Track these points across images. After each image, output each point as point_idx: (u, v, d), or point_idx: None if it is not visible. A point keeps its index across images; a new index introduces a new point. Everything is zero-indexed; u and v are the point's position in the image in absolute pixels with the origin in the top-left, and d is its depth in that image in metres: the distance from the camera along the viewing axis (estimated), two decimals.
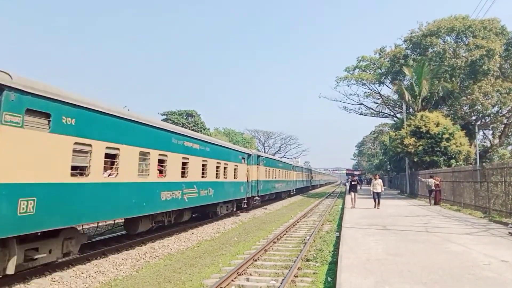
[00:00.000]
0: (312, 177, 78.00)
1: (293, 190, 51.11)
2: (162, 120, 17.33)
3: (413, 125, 37.14)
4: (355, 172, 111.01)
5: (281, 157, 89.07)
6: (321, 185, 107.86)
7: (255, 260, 12.16)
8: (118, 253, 12.94)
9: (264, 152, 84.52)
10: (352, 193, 27.24)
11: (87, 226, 16.29)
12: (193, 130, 40.51)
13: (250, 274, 10.64)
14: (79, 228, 11.90)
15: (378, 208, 24.88)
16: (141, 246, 14.35)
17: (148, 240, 15.25)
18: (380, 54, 55.33)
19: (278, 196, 42.83)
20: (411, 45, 48.90)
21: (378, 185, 25.71)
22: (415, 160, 37.18)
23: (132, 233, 14.65)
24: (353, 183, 28.23)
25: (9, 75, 8.09)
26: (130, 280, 10.23)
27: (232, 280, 9.82)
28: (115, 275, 10.58)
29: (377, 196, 25.47)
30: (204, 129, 64.37)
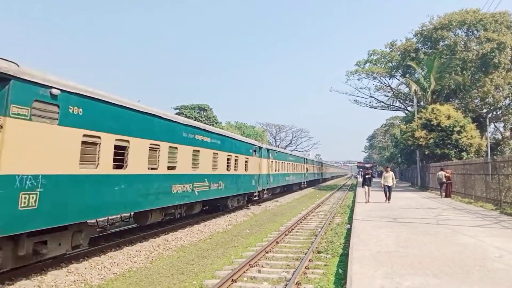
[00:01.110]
0: (323, 170, 77.95)
1: (304, 182, 51.33)
2: (175, 114, 17.32)
3: (424, 118, 36.98)
4: (366, 165, 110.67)
5: (292, 150, 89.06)
6: (332, 178, 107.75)
7: (267, 252, 12.29)
8: (132, 245, 13.15)
9: (276, 146, 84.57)
10: (366, 187, 25.60)
11: (101, 219, 16.50)
12: (205, 123, 40.63)
13: (262, 266, 10.77)
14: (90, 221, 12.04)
15: (389, 202, 23.87)
16: (155, 238, 14.56)
17: (162, 232, 15.46)
18: (391, 48, 55.06)
19: (289, 189, 43.30)
20: (422, 39, 48.59)
21: (389, 178, 24.47)
22: (426, 152, 37.05)
23: (143, 224, 14.69)
24: (367, 176, 26.29)
25: (16, 64, 7.82)
26: (144, 272, 10.41)
27: (244, 272, 9.95)
28: (130, 267, 10.77)
29: (388, 190, 24.36)
30: (216, 123, 64.52)
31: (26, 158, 8.00)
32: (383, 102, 61.55)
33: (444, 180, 28.50)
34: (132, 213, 14.43)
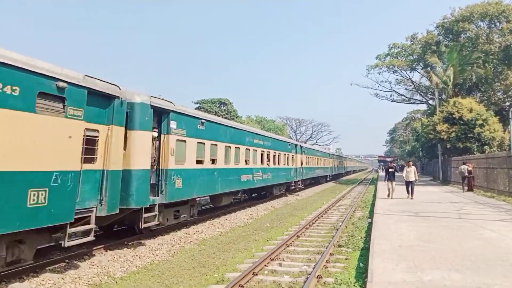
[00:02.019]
0: (344, 164, 77.75)
1: (330, 175, 55.12)
2: (195, 109, 18.93)
3: (446, 111, 36.52)
4: (387, 159, 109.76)
5: (313, 144, 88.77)
6: (352, 172, 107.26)
7: (288, 246, 12.34)
8: (154, 238, 13.32)
9: (296, 140, 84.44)
10: (389, 182, 24.11)
11: None
12: (225, 118, 40.94)
13: (283, 260, 10.82)
14: None
15: (411, 198, 22.62)
16: (176, 231, 14.72)
17: (183, 226, 15.62)
18: (411, 41, 54.47)
19: (317, 181, 47.12)
20: (443, 31, 47.98)
21: (411, 172, 23.14)
22: (448, 146, 36.64)
23: (217, 205, 19.79)
24: (390, 170, 24.80)
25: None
26: (166, 265, 10.55)
27: (265, 265, 10.02)
28: (152, 260, 10.93)
29: (410, 186, 23.16)
30: (236, 117, 64.53)
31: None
32: (404, 95, 61.06)
33: (466, 174, 28.18)
34: (209, 196, 18.92)
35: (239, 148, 20.17)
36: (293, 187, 33.18)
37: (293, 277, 9.07)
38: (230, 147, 18.90)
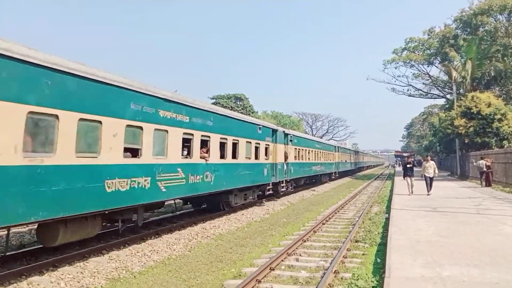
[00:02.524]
0: (359, 159, 77.21)
1: (335, 173, 47.02)
2: (211, 104, 18.99)
3: (464, 106, 36.11)
4: (404, 154, 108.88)
5: (329, 139, 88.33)
6: (369, 167, 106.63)
7: (304, 241, 12.34)
8: (171, 233, 13.42)
9: (312, 135, 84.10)
10: (408, 178, 23.30)
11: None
12: (242, 113, 40.44)
13: (300, 255, 10.82)
14: None
15: (428, 194, 21.89)
16: (193, 226, 14.82)
17: (200, 221, 15.71)
18: (429, 35, 53.88)
19: (317, 180, 39.56)
20: (461, 25, 47.42)
21: (430, 168, 22.34)
22: (466, 141, 36.24)
23: (298, 184, 30.72)
24: (408, 165, 24.17)
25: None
26: (184, 259, 10.62)
27: (282, 260, 10.02)
28: (169, 254, 11.01)
29: (429, 181, 22.29)
30: (252, 112, 64.61)
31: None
32: (421, 90, 60.47)
33: (484, 169, 27.85)
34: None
35: (312, 150, 35.44)
36: (270, 191, 22.78)
37: (310, 272, 9.07)
38: (307, 150, 34.27)
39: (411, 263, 7.93)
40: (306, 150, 32.42)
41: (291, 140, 27.41)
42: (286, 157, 25.35)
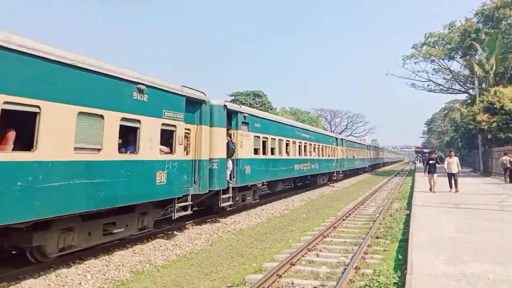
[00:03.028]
0: (380, 155, 76.76)
1: (368, 167, 57.02)
2: (230, 101, 19.10)
3: (486, 101, 35.52)
4: (425, 150, 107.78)
5: (348, 136, 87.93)
6: (389, 163, 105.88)
7: (324, 237, 12.35)
8: (193, 228, 13.58)
9: (331, 131, 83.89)
10: (431, 175, 22.13)
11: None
12: (260, 109, 40.90)
13: (320, 250, 10.84)
14: None
15: (456, 191, 20.99)
16: (214, 221, 14.94)
17: (220, 216, 15.82)
18: (449, 29, 53.09)
19: (355, 172, 48.82)
20: (482, 18, 46.66)
21: (453, 164, 21.57)
22: (489, 137, 35.70)
23: (273, 191, 24.26)
24: (430, 161, 22.74)
25: None
26: (205, 254, 10.73)
27: (303, 256, 10.06)
28: (191, 249, 11.13)
29: (453, 178, 21.37)
30: (270, 109, 64.58)
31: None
32: (441, 85, 59.67)
33: (508, 165, 27.39)
34: (266, 182, 21.69)
35: (290, 141, 23.31)
36: (334, 177, 35.68)
37: (331, 267, 9.09)
38: (282, 140, 21.96)
39: (433, 259, 7.89)
40: (351, 149, 43.61)
41: (343, 143, 39.31)
42: (341, 155, 37.69)
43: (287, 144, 22.62)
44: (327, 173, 33.12)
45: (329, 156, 33.43)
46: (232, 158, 15.36)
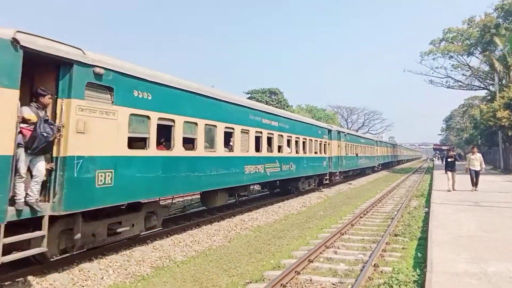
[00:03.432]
0: (396, 153, 76.06)
1: (378, 165, 50.35)
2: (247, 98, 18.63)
3: (507, 97, 34.94)
4: (443, 147, 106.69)
5: (365, 133, 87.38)
6: (406, 161, 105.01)
7: (342, 234, 12.32)
8: (211, 224, 13.66)
9: (347, 128, 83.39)
10: (450, 173, 21.02)
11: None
12: (276, 107, 40.17)
13: (338, 248, 10.82)
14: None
15: (476, 190, 20.16)
16: (232, 218, 15.01)
17: (238, 213, 15.89)
18: (469, 24, 52.33)
19: (362, 172, 42.14)
20: (502, 13, 45.82)
21: (476, 160, 20.50)
22: (510, 134, 35.16)
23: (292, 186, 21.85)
24: (449, 159, 21.77)
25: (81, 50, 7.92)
26: (223, 250, 10.79)
27: (321, 253, 10.06)
28: (209, 245, 11.21)
29: (475, 176, 20.42)
30: (287, 106, 64.31)
31: None
32: (460, 81, 58.89)
33: None
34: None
35: (235, 129, 14.59)
36: (326, 181, 27.27)
37: (349, 265, 9.07)
38: (216, 126, 13.20)
39: (454, 258, 7.83)
40: (353, 145, 35.33)
41: (341, 137, 30.69)
42: (338, 151, 29.39)
43: (356, 147, 20.88)
44: (314, 175, 24.87)
45: (317, 153, 24.98)
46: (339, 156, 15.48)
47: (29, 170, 7.18)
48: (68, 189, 7.56)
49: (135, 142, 9.62)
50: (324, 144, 26.58)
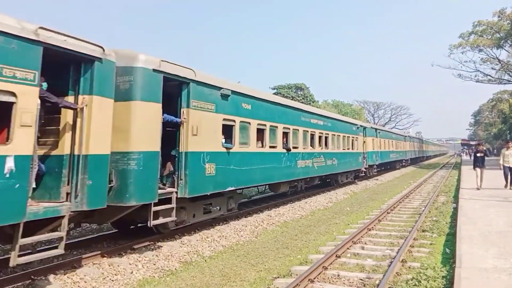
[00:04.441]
0: (424, 148, 75.17)
1: (407, 160, 52.44)
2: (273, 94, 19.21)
3: None
4: (471, 142, 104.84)
5: (391, 128, 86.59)
6: (434, 156, 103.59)
7: (369, 230, 12.30)
8: (238, 220, 13.82)
9: (374, 123, 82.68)
10: (478, 169, 19.36)
11: None
12: (302, 102, 40.10)
13: (365, 243, 10.83)
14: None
15: (510, 188, 18.49)
16: (259, 213, 15.16)
17: (265, 208, 16.02)
18: (499, 17, 51.15)
19: (392, 166, 44.36)
20: None
21: (511, 156, 18.45)
22: None
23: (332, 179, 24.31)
24: (478, 154, 19.88)
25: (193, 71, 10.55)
26: (251, 245, 10.90)
27: (348, 248, 10.08)
28: (237, 240, 11.34)
29: (510, 173, 18.57)
30: (313, 102, 63.98)
31: None
32: (490, 75, 57.68)
33: None
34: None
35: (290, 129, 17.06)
36: (362, 174, 29.81)
37: (377, 260, 9.08)
38: (277, 127, 15.78)
39: (483, 253, 7.78)
40: (385, 140, 38.01)
41: (374, 134, 33.05)
42: (372, 147, 31.51)
43: (389, 142, 23.11)
44: (353, 170, 27.36)
45: (353, 149, 26.86)
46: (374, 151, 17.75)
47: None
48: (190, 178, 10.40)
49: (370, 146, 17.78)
50: (360, 140, 28.78)
